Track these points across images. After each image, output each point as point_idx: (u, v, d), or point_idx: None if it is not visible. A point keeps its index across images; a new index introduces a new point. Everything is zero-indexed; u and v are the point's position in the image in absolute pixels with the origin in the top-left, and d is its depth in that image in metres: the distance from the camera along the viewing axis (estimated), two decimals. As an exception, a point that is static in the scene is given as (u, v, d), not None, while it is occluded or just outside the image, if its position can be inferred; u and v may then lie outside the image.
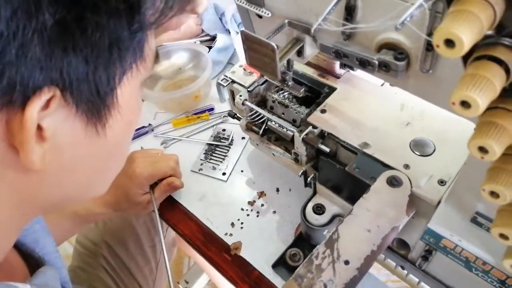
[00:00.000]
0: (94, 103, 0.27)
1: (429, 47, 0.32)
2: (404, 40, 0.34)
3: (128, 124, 0.31)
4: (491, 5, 0.22)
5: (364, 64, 0.36)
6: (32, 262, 0.39)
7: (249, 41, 0.41)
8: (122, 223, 0.85)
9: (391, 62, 0.34)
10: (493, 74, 0.23)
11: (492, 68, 0.23)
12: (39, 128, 0.25)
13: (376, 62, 0.35)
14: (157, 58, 0.31)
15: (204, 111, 0.87)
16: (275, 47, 0.38)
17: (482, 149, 0.25)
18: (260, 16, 0.46)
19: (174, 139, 0.84)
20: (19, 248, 0.39)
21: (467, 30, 0.21)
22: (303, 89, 0.53)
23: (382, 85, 0.58)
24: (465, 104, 0.23)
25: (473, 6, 0.21)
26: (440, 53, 0.23)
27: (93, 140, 0.29)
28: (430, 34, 0.31)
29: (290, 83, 0.53)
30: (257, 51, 0.41)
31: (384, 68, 0.35)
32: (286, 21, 0.42)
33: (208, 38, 0.97)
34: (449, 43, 0.22)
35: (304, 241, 0.64)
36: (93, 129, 0.28)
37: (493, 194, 0.27)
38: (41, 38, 0.22)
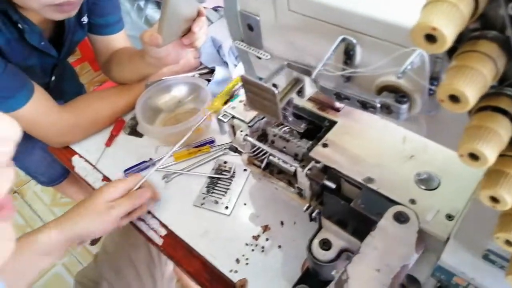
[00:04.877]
0: None
1: (431, 91, 0.32)
2: (405, 83, 0.34)
3: None
4: (493, 60, 0.22)
5: (366, 106, 0.36)
6: None
7: (249, 85, 0.41)
8: (121, 259, 0.83)
9: (393, 104, 0.34)
10: (499, 125, 0.23)
11: (497, 119, 0.23)
12: None
13: (378, 105, 0.35)
14: None
15: (205, 144, 0.87)
16: (276, 91, 0.38)
17: (494, 199, 0.24)
18: (259, 57, 0.46)
19: (175, 173, 0.84)
20: None
21: (471, 86, 0.21)
22: (303, 124, 0.53)
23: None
24: (473, 156, 0.23)
25: (475, 62, 0.21)
26: (445, 107, 0.23)
27: None
28: (432, 78, 0.31)
29: (290, 119, 0.53)
30: (257, 94, 0.41)
31: (386, 109, 0.35)
32: (286, 63, 0.42)
33: (206, 71, 0.98)
34: (454, 98, 0.22)
35: (312, 276, 0.62)
36: None
37: (508, 242, 0.26)
38: None
